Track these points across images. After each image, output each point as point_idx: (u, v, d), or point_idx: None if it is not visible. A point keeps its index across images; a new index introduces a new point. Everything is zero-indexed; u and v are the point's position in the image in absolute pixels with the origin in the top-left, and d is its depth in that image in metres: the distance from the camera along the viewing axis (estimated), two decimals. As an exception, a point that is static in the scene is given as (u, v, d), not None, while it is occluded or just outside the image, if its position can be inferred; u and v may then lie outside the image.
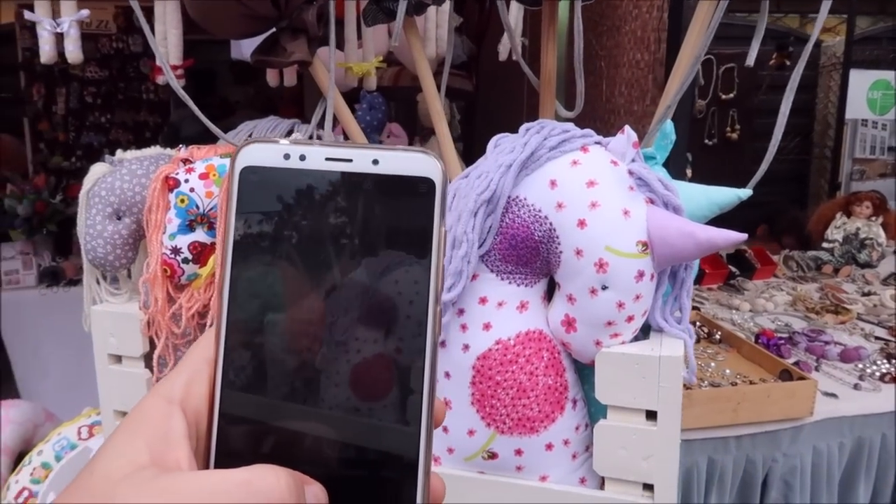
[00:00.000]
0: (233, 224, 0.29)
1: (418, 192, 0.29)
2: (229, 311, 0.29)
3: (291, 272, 0.29)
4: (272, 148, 0.29)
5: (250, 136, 1.00)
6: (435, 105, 0.85)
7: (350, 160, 0.29)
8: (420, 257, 0.29)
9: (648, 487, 0.65)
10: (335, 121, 0.85)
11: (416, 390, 0.29)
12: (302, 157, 0.29)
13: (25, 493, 1.00)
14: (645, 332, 0.69)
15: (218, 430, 0.28)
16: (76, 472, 0.85)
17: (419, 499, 0.28)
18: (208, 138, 0.86)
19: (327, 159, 0.29)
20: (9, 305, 2.59)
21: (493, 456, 0.68)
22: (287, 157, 0.29)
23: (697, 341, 0.59)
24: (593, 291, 0.63)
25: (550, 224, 0.63)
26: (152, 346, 0.80)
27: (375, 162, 0.29)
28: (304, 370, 0.29)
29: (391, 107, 1.82)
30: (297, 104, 2.50)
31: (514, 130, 0.68)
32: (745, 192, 0.67)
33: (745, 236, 0.60)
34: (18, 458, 1.07)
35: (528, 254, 0.65)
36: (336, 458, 0.28)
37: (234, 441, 0.28)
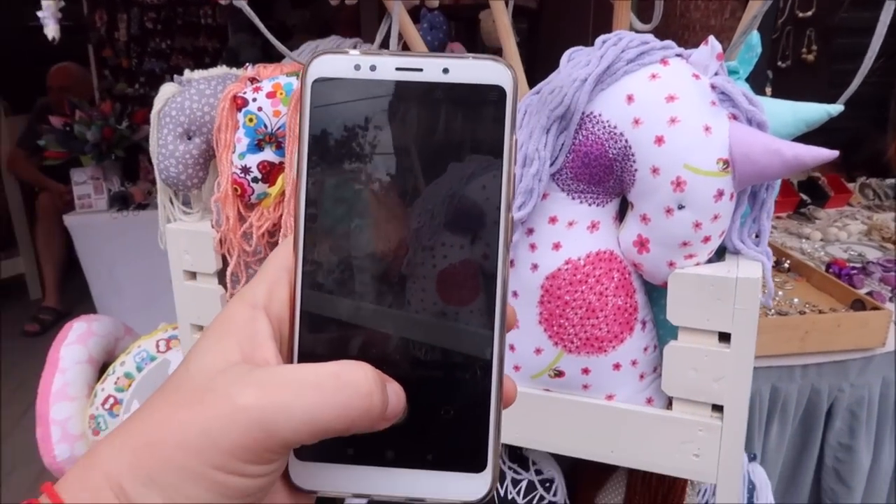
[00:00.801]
0: (306, 134, 0.30)
1: (489, 100, 0.29)
2: (305, 219, 0.30)
3: (362, 180, 0.29)
4: (343, 59, 0.29)
5: (313, 55, 0.99)
6: (503, 20, 0.82)
7: (420, 69, 0.29)
8: (491, 165, 0.29)
9: (718, 409, 0.65)
10: (400, 39, 0.83)
11: (490, 294, 0.29)
12: (372, 68, 0.29)
13: (111, 400, 1.06)
14: (719, 254, 0.67)
15: (299, 333, 0.29)
16: (156, 381, 0.90)
17: (493, 399, 0.29)
18: (266, 62, 0.86)
19: (397, 69, 0.29)
20: (83, 228, 2.71)
21: (559, 374, 0.69)
22: (357, 67, 0.29)
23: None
24: (669, 211, 0.61)
25: (626, 141, 0.61)
26: (225, 263, 0.83)
27: (446, 71, 0.29)
28: (378, 274, 0.29)
29: (452, 26, 1.77)
30: (354, 27, 2.46)
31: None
32: (836, 108, 0.63)
33: (835, 153, 0.57)
34: (102, 369, 1.14)
35: (602, 172, 0.63)
36: (412, 359, 0.29)
37: (313, 343, 0.29)
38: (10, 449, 2.38)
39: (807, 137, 0.65)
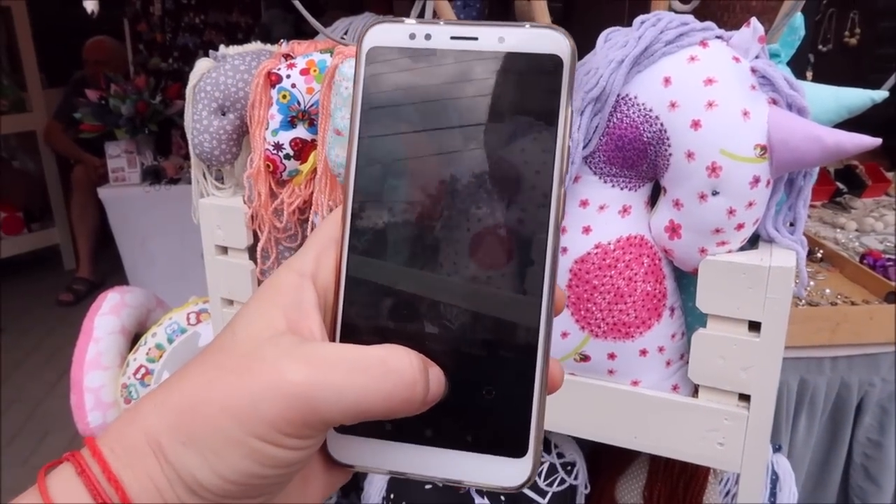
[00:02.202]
0: (359, 103, 0.30)
1: (545, 70, 0.28)
2: (356, 187, 0.30)
3: (417, 149, 0.29)
4: (398, 28, 0.29)
5: (346, 33, 0.99)
6: (538, -1, 0.81)
7: (476, 38, 0.29)
8: (546, 136, 0.28)
9: (745, 398, 0.64)
10: (434, 16, 0.82)
11: (538, 271, 0.28)
12: (427, 37, 0.29)
13: (143, 370, 1.09)
14: (753, 242, 0.66)
15: (343, 303, 0.29)
16: (186, 353, 0.91)
17: (537, 382, 0.28)
18: (299, 39, 0.86)
19: (453, 38, 0.29)
20: (116, 201, 2.76)
21: (585, 358, 0.69)
22: (412, 36, 0.29)
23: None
24: (703, 197, 0.60)
25: (661, 125, 0.60)
26: (256, 238, 0.84)
27: (501, 39, 0.29)
28: (425, 246, 0.29)
29: (486, 3, 1.75)
30: (386, 2, 2.45)
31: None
32: (881, 94, 0.62)
33: (878, 141, 0.55)
34: (134, 340, 1.16)
35: (635, 156, 0.63)
36: (456, 336, 0.29)
37: (357, 314, 0.29)
38: (44, 414, 2.46)
39: (848, 125, 0.64)
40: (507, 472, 0.28)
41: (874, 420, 1.28)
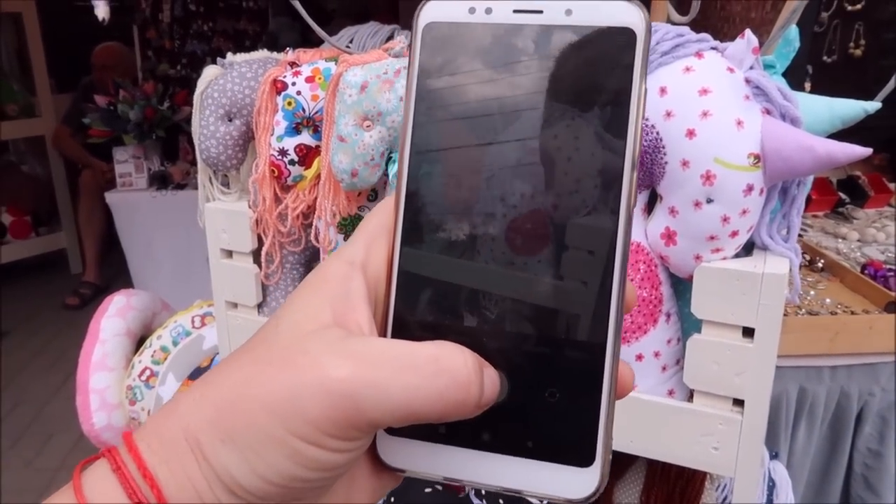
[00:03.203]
0: (415, 83, 0.28)
1: (617, 45, 0.26)
2: (410, 173, 0.28)
3: (477, 132, 0.27)
4: (457, 3, 0.28)
5: (351, 41, 1.00)
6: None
7: (540, 11, 0.27)
8: (617, 117, 0.26)
9: (738, 403, 0.65)
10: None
11: (608, 264, 0.26)
12: (488, 11, 0.27)
13: (147, 372, 1.10)
14: (747, 250, 0.67)
15: (395, 295, 0.28)
16: (191, 355, 0.93)
17: (606, 385, 0.26)
18: (306, 47, 0.87)
19: (515, 11, 0.27)
20: (123, 206, 2.79)
21: (582, 363, 0.70)
22: (472, 10, 0.27)
23: (799, 268, 0.57)
24: (697, 204, 0.61)
25: (657, 133, 0.61)
26: (261, 243, 0.85)
27: (569, 12, 0.26)
28: (484, 236, 0.27)
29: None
30: (392, 12, 2.48)
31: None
32: (873, 106, 0.63)
33: (869, 151, 0.56)
34: (140, 342, 1.18)
35: (632, 164, 0.64)
36: (517, 333, 0.26)
37: (410, 307, 0.27)
38: (49, 417, 2.47)
39: (849, 135, 0.64)
40: (571, 482, 0.26)
41: (874, 430, 1.29)
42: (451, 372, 0.24)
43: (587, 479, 0.26)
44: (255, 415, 0.23)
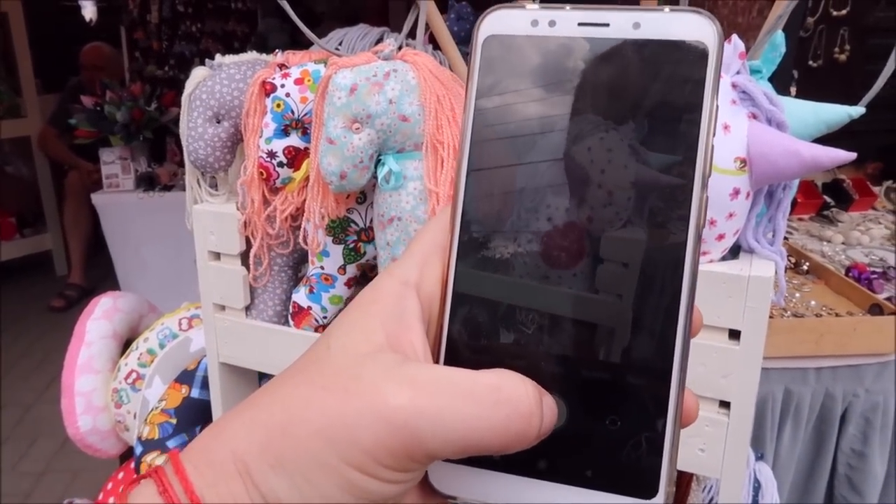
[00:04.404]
0: (473, 100, 0.27)
1: (688, 60, 0.25)
2: (468, 191, 0.27)
3: (539, 150, 0.26)
4: (519, 14, 0.27)
5: (340, 44, 1.00)
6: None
7: (607, 24, 0.26)
8: (688, 135, 0.25)
9: (725, 405, 0.66)
10: (426, 29, 0.84)
11: (675, 287, 0.25)
12: (552, 23, 0.26)
13: (134, 375, 1.10)
14: (733, 253, 0.67)
15: (450, 317, 0.27)
16: (178, 358, 0.92)
17: (671, 412, 0.24)
18: (295, 49, 0.87)
19: (580, 24, 0.26)
20: (110, 207, 2.77)
21: (570, 365, 0.70)
22: (535, 23, 0.27)
23: (784, 270, 0.58)
24: (684, 208, 0.62)
25: (644, 137, 0.62)
26: (249, 245, 0.85)
27: (637, 25, 0.26)
28: (545, 256, 0.26)
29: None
30: (382, 15, 2.48)
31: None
32: (857, 110, 0.64)
33: (853, 155, 0.57)
34: (126, 345, 1.17)
35: (619, 167, 0.64)
36: (577, 358, 0.26)
37: (465, 330, 0.27)
38: (34, 419, 2.45)
39: (839, 141, 0.65)
40: None
41: (858, 431, 1.30)
42: (513, 402, 0.23)
43: None
44: (307, 441, 0.23)
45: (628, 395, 0.25)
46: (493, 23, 0.27)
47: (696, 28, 0.25)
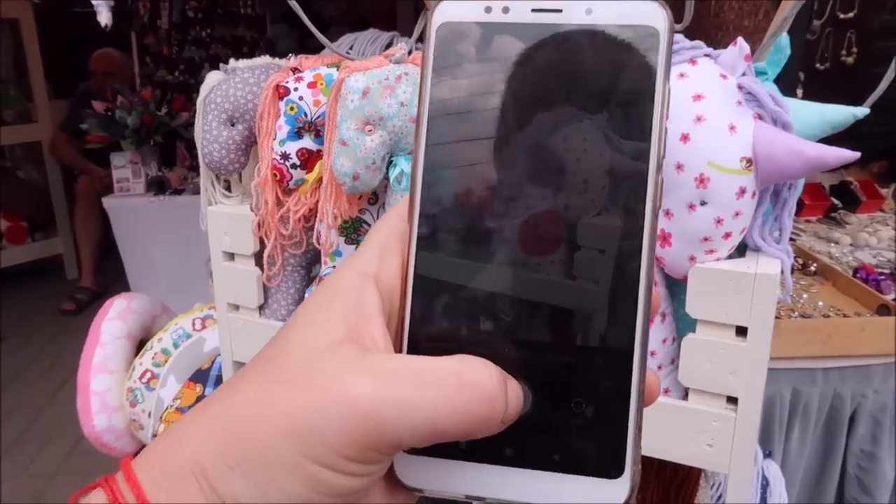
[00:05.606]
0: (429, 86, 0.27)
1: (640, 44, 0.25)
2: (424, 178, 0.27)
3: (491, 135, 0.26)
4: (471, 3, 0.27)
5: (350, 48, 1.02)
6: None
7: (559, 10, 0.26)
8: (639, 119, 0.25)
9: (732, 401, 0.67)
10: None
11: (632, 270, 0.25)
12: (505, 10, 0.27)
13: (148, 374, 1.11)
14: (740, 251, 0.68)
15: (411, 307, 0.26)
16: (192, 357, 0.94)
17: (634, 392, 0.25)
18: (303, 53, 0.89)
19: (534, 10, 0.26)
20: (120, 211, 2.80)
21: (579, 362, 0.71)
22: (488, 10, 0.27)
23: (791, 271, 0.59)
24: (691, 206, 0.63)
25: (652, 138, 0.63)
26: (262, 245, 0.87)
27: (589, 11, 0.26)
28: (504, 241, 0.26)
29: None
30: (390, 19, 2.50)
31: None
32: (862, 111, 0.65)
33: (857, 154, 0.58)
34: (140, 345, 1.19)
35: (627, 167, 0.65)
36: (539, 342, 0.26)
37: (427, 319, 0.26)
38: (45, 422, 2.47)
39: (846, 142, 0.66)
40: (600, 494, 0.25)
41: (867, 431, 1.30)
42: (475, 386, 0.23)
43: (616, 491, 0.25)
44: (267, 439, 0.22)
45: (591, 378, 0.25)
46: (447, 10, 0.27)
47: (647, 13, 0.26)
